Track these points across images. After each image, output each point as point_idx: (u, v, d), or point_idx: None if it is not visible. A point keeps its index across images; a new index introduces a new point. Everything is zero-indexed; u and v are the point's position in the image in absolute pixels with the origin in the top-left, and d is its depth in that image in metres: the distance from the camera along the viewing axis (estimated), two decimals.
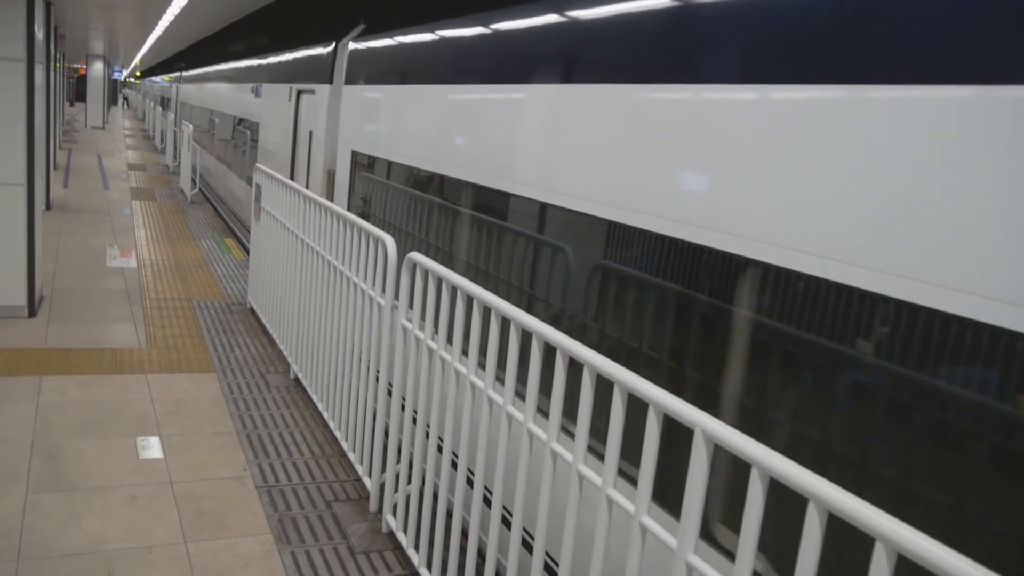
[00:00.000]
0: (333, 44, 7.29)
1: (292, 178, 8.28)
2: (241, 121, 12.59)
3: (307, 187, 7.64)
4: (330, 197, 7.07)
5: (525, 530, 2.67)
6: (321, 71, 7.58)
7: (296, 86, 8.58)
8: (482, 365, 2.92)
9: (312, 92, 7.81)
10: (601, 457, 2.22)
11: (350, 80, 6.78)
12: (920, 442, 1.98)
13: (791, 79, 2.33)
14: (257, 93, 11.20)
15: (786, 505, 1.69)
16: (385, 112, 5.99)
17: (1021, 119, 1.73)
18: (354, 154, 6.48)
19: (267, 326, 6.55)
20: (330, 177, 7.12)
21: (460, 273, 3.19)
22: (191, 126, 15.86)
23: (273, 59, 10.54)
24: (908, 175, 1.95)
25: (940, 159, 1.89)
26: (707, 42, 2.72)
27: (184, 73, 23.81)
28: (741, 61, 2.61)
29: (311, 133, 7.80)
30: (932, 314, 1.89)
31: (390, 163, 5.76)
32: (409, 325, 3.54)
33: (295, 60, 9.07)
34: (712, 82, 2.65)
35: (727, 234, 2.49)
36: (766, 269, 2.36)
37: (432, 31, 5.30)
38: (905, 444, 2.01)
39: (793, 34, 2.38)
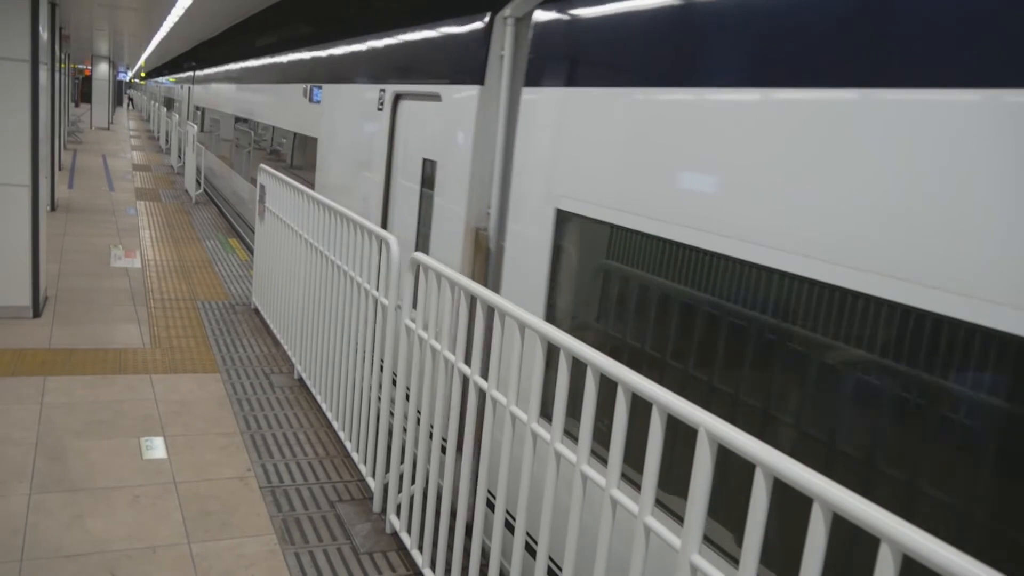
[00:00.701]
0: (486, 18, 4.28)
1: (385, 226, 5.56)
2: (282, 133, 9.39)
3: (426, 251, 4.67)
4: (478, 275, 4.08)
5: (528, 532, 2.67)
6: (456, 63, 4.62)
7: (393, 87, 5.57)
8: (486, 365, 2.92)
9: (432, 98, 4.87)
10: (601, 456, 2.21)
11: (539, 78, 3.75)
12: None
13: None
14: (312, 97, 7.94)
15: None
16: (682, 141, 2.74)
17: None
18: (565, 217, 3.44)
19: (271, 326, 6.55)
20: (479, 241, 4.15)
21: None
22: (195, 127, 15.76)
23: (344, 49, 7.14)
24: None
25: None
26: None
27: (198, 72, 19.56)
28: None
29: (430, 164, 4.86)
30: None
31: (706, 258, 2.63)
32: (413, 325, 3.54)
33: (392, 48, 5.92)
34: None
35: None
36: None
37: None
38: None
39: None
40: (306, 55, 8.69)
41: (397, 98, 5.55)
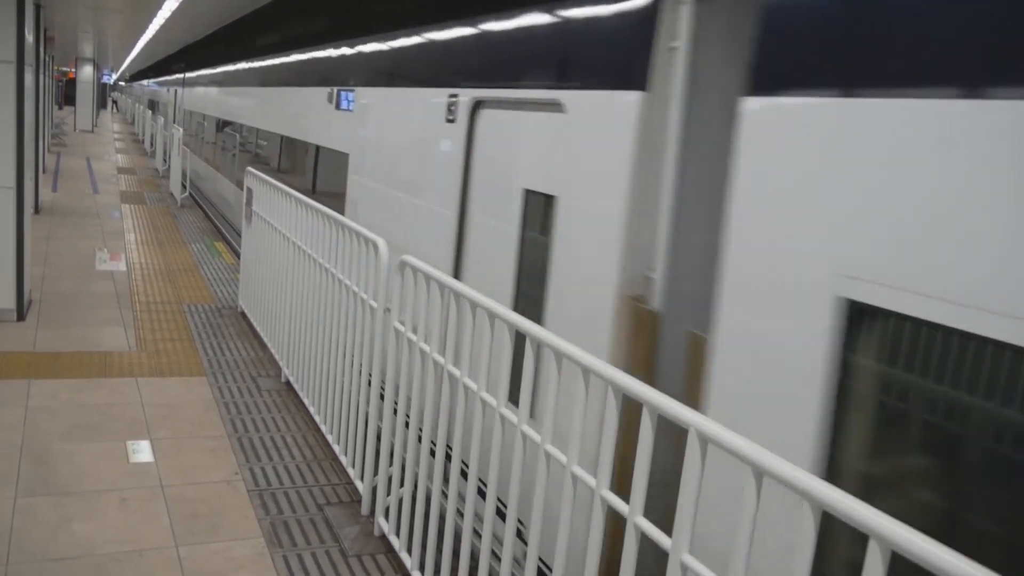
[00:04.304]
0: None
1: (458, 276, 4.35)
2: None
3: (539, 320, 3.35)
4: (639, 365, 2.92)
5: (519, 532, 2.68)
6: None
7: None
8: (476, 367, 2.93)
9: (547, 107, 3.61)
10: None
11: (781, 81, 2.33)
12: None
13: None
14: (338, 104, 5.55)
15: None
16: None
17: None
18: (860, 311, 1.98)
19: (258, 330, 6.53)
20: (640, 317, 2.95)
21: None
22: (181, 129, 15.55)
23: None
24: None
25: None
26: None
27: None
28: None
29: (540, 199, 3.69)
30: None
31: None
32: (401, 328, 3.54)
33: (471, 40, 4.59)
34: None
35: None
36: None
37: None
38: None
39: None
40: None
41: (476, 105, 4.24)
